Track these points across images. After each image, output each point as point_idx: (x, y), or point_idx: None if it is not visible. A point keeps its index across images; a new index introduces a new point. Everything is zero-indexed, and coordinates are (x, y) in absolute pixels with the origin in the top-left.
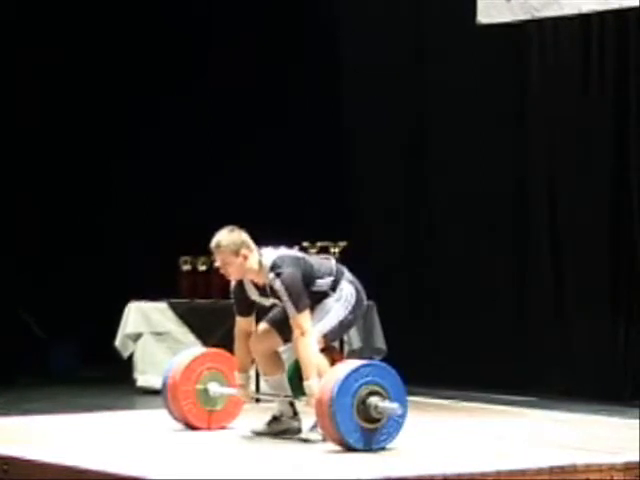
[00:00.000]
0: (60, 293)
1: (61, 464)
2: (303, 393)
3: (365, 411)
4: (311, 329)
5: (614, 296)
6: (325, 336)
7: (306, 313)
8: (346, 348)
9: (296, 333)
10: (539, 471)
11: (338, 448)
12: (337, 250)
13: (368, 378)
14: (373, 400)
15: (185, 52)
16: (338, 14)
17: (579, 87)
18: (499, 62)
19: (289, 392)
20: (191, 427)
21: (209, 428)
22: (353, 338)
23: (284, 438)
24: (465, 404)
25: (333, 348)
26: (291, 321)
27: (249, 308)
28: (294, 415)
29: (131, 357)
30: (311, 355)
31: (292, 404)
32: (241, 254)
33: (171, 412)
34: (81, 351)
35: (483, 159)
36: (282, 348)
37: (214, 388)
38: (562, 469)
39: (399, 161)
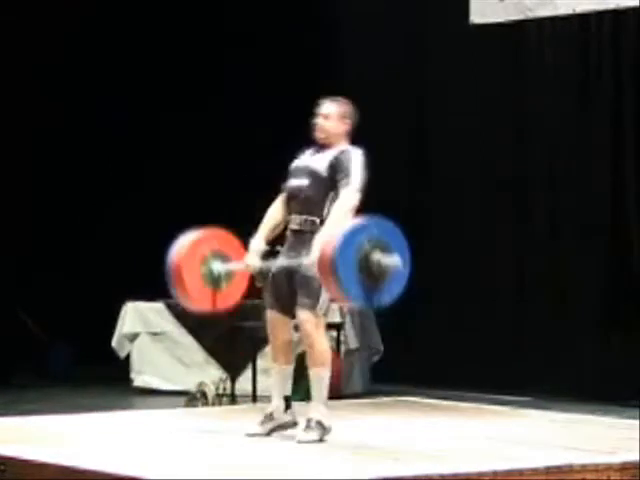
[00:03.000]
0: (58, 293)
1: (59, 464)
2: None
3: (368, 267)
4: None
5: (613, 296)
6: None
7: (358, 193)
8: (343, 348)
9: (348, 190)
10: (535, 471)
11: (336, 448)
12: None
13: (373, 233)
14: (376, 256)
15: (184, 52)
16: (338, 14)
17: (578, 87)
18: (499, 62)
19: (290, 387)
20: (197, 308)
21: (214, 308)
22: (350, 338)
23: (281, 437)
24: (462, 404)
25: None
26: (342, 190)
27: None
28: (285, 409)
29: (128, 357)
30: (348, 212)
31: (287, 398)
32: (345, 122)
33: (176, 295)
34: (78, 351)
35: (483, 159)
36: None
37: (218, 267)
38: (559, 469)
39: (399, 161)
